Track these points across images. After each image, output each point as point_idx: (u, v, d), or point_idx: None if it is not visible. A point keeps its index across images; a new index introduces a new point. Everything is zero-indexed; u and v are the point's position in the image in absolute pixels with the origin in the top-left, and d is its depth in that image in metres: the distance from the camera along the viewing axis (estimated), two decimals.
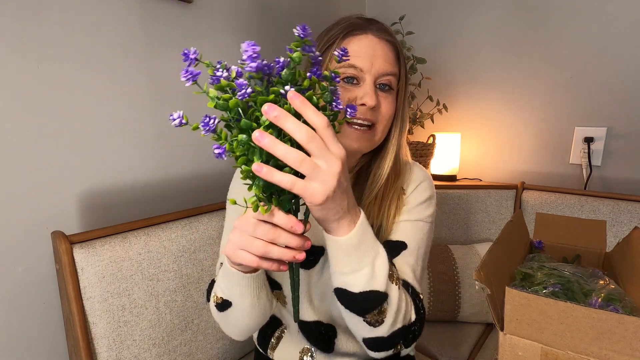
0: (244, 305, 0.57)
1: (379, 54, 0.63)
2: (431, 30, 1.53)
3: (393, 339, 0.55)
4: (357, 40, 0.63)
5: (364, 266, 0.50)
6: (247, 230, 0.46)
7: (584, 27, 1.23)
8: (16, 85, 0.73)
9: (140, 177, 0.94)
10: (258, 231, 0.45)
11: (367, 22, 0.66)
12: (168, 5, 0.94)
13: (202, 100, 1.05)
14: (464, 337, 1.11)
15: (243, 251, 0.47)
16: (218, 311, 0.61)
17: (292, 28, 0.43)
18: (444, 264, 1.17)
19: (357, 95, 0.62)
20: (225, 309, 0.59)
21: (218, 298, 0.59)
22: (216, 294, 0.60)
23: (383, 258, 0.52)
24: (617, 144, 1.23)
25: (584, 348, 0.45)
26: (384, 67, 0.63)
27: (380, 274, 0.51)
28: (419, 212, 0.68)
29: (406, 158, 0.72)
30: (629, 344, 0.42)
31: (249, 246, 0.46)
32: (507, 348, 0.51)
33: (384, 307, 0.52)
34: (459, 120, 1.53)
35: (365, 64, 0.62)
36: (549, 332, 0.47)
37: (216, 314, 0.62)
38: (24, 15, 0.72)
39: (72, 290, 0.69)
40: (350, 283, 0.51)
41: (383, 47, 0.63)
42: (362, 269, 0.50)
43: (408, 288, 0.60)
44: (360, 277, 0.51)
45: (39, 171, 0.77)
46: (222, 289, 0.58)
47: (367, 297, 0.51)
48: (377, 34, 0.64)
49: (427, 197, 0.70)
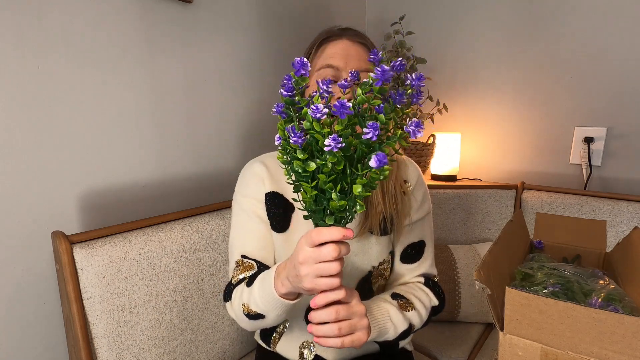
0: (278, 319, 0.63)
1: (352, 54, 0.69)
2: (431, 30, 1.53)
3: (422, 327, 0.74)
4: (332, 44, 0.70)
5: (389, 328, 0.66)
6: (314, 258, 0.49)
7: (584, 27, 1.23)
8: (16, 84, 0.73)
9: (140, 177, 0.94)
10: (322, 254, 0.48)
11: (342, 30, 0.73)
12: (168, 5, 0.94)
13: (202, 100, 1.05)
14: (464, 337, 1.11)
15: (322, 278, 0.50)
16: (247, 319, 0.65)
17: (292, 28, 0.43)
18: (444, 264, 1.17)
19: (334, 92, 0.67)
20: (257, 319, 0.63)
21: (252, 311, 0.63)
22: (249, 306, 0.63)
23: (393, 310, 0.67)
24: (617, 144, 1.23)
25: (584, 348, 0.45)
26: (358, 65, 0.69)
27: (399, 322, 0.67)
28: (424, 206, 0.80)
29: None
30: (629, 344, 0.42)
31: (326, 271, 0.49)
32: (507, 348, 0.51)
33: (413, 328, 0.70)
34: (459, 120, 1.53)
35: (340, 62, 0.68)
36: (549, 332, 0.47)
37: (241, 318, 0.66)
38: (24, 15, 0.72)
39: (72, 290, 0.69)
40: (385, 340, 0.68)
41: (357, 49, 0.70)
42: (388, 331, 0.66)
43: (429, 282, 0.77)
44: (390, 334, 0.67)
45: (39, 171, 0.77)
46: (258, 306, 0.61)
47: (400, 337, 0.68)
48: (350, 38, 0.71)
49: (425, 189, 0.81)
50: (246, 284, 0.65)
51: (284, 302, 0.58)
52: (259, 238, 0.72)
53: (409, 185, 0.78)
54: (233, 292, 0.69)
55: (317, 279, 0.50)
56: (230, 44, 1.10)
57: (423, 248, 0.79)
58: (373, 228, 0.73)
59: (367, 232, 0.74)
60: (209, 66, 1.05)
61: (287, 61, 1.26)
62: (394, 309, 0.67)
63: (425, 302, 0.73)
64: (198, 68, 1.03)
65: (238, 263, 0.71)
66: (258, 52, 1.18)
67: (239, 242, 0.73)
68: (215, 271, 0.90)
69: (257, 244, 0.72)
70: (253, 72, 1.17)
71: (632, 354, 0.43)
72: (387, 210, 0.72)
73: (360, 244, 0.74)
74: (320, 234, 0.48)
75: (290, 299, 0.58)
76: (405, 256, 0.78)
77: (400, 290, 0.73)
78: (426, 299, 0.73)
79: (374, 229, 0.73)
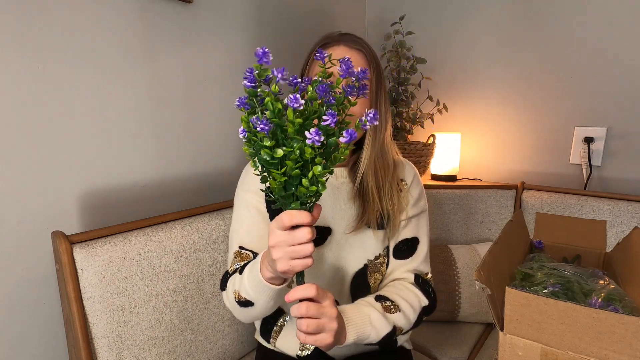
0: (267, 307, 0.64)
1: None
2: (431, 30, 1.53)
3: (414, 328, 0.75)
4: (330, 50, 0.72)
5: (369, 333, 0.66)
6: (286, 241, 0.51)
7: (584, 27, 1.23)
8: (16, 85, 0.73)
9: (140, 177, 0.94)
10: (297, 237, 0.50)
11: (340, 35, 0.75)
12: (168, 5, 0.94)
13: (202, 100, 1.05)
14: (464, 337, 1.11)
15: (295, 260, 0.51)
16: (239, 306, 0.66)
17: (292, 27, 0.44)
18: (444, 264, 1.17)
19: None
20: (247, 306, 0.65)
21: (242, 297, 0.64)
22: (240, 293, 0.65)
23: (374, 314, 0.68)
24: (617, 144, 1.23)
25: (584, 348, 0.45)
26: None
27: (381, 325, 0.67)
28: (420, 203, 0.82)
29: (397, 156, 0.82)
30: (629, 344, 0.42)
31: (299, 252, 0.51)
32: (507, 348, 0.51)
33: (399, 330, 0.70)
34: (459, 120, 1.53)
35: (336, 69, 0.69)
36: (549, 332, 0.47)
37: (234, 306, 0.68)
38: (24, 15, 0.72)
39: (72, 290, 0.69)
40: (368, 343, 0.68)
41: (354, 55, 0.72)
42: (369, 335, 0.66)
43: (419, 280, 0.77)
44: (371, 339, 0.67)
45: (39, 171, 0.77)
46: (247, 292, 0.63)
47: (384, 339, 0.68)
48: (348, 44, 0.73)
49: (421, 188, 0.84)
50: (239, 272, 0.67)
51: (271, 287, 0.59)
52: (257, 230, 0.75)
53: (405, 184, 0.81)
54: (228, 280, 0.71)
55: (292, 261, 0.51)
56: (230, 43, 1.10)
57: (416, 245, 0.80)
58: (370, 222, 0.76)
59: (364, 226, 0.76)
60: (209, 66, 1.05)
61: (287, 61, 1.26)
62: (376, 312, 0.68)
63: (414, 303, 0.73)
64: (198, 68, 1.03)
65: (236, 254, 0.73)
66: None
67: (238, 235, 0.75)
68: (215, 271, 0.90)
69: (255, 236, 0.74)
70: None
71: (632, 353, 0.43)
72: (384, 207, 0.75)
73: (357, 238, 0.77)
74: (292, 216, 0.50)
75: (276, 284, 0.59)
76: (398, 252, 0.79)
77: (386, 292, 0.74)
78: (414, 300, 0.74)
79: (371, 223, 0.76)
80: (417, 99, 1.43)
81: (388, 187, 0.76)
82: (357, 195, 0.76)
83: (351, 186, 0.77)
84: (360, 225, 0.75)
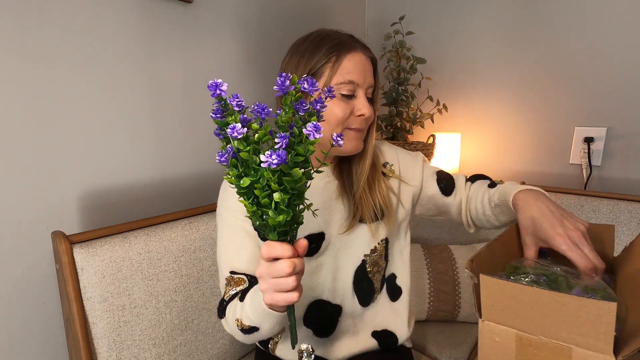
0: (273, 330, 0.61)
1: (367, 69, 0.72)
2: (431, 30, 1.53)
3: None
4: (351, 57, 0.70)
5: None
6: (269, 273, 0.48)
7: (584, 27, 1.23)
8: (16, 85, 0.73)
9: (140, 177, 0.94)
10: (276, 270, 0.47)
11: (351, 39, 0.73)
12: (168, 5, 0.94)
13: (200, 100, 1.05)
14: (464, 337, 1.11)
15: (280, 293, 0.49)
16: (242, 334, 0.63)
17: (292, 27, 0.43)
18: (444, 264, 1.17)
19: (354, 107, 0.70)
20: (252, 332, 0.61)
21: (245, 325, 0.61)
22: (242, 321, 0.61)
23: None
24: (617, 144, 1.22)
25: (553, 332, 0.46)
26: (370, 80, 0.72)
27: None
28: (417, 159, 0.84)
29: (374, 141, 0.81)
30: (593, 327, 0.43)
31: (281, 286, 0.48)
32: (486, 334, 0.52)
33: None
34: (459, 120, 1.53)
35: (360, 79, 0.70)
36: (522, 317, 0.48)
37: (237, 333, 0.64)
38: (24, 15, 0.72)
39: (72, 290, 0.69)
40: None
41: (369, 63, 0.73)
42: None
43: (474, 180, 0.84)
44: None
45: (39, 171, 0.77)
46: (251, 319, 0.59)
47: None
48: (363, 52, 0.72)
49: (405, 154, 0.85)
50: (239, 299, 0.64)
51: (273, 314, 0.56)
52: (246, 251, 0.69)
53: (392, 165, 0.81)
54: (226, 308, 0.67)
55: (275, 294, 0.49)
56: (230, 44, 1.10)
57: (448, 178, 0.83)
58: (365, 217, 0.74)
59: (357, 222, 0.75)
60: (209, 66, 1.05)
61: None
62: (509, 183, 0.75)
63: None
64: (198, 68, 1.03)
65: (228, 280, 0.68)
66: (258, 52, 1.18)
67: (226, 258, 0.70)
68: (215, 271, 0.90)
69: (244, 257, 0.69)
70: (253, 72, 1.17)
71: (596, 336, 0.43)
72: (375, 202, 0.75)
73: (351, 236, 0.75)
74: (271, 248, 0.47)
75: (279, 311, 0.56)
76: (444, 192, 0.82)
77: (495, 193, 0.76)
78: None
79: (365, 217, 0.75)
80: (417, 99, 1.43)
81: (376, 179, 0.76)
82: (344, 192, 0.75)
83: (337, 183, 0.75)
84: (353, 223, 0.74)
